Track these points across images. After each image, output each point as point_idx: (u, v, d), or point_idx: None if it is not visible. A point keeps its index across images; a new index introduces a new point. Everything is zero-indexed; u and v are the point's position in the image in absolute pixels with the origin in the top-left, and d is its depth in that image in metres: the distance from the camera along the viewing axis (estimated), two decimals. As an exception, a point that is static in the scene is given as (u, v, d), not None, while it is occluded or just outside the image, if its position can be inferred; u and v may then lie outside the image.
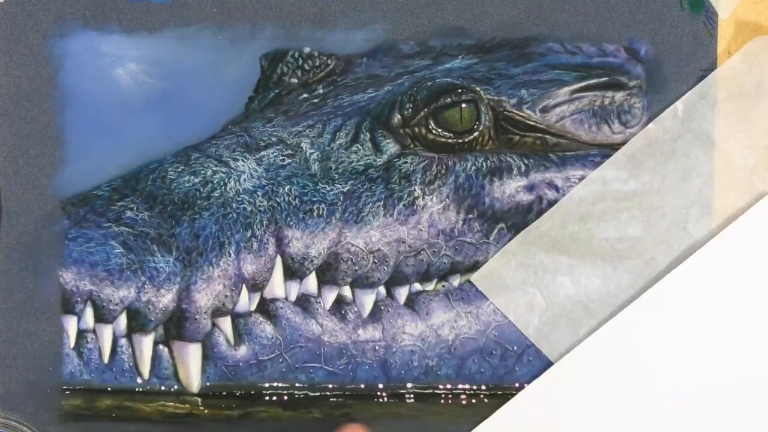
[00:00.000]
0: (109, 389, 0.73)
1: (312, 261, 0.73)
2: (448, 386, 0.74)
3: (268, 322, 0.73)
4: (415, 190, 0.73)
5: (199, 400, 0.73)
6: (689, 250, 0.73)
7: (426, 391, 0.74)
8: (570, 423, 0.73)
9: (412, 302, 0.74)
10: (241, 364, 0.73)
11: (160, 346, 0.73)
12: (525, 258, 0.73)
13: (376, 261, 0.73)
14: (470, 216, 0.74)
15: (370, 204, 0.73)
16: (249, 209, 0.72)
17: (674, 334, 0.73)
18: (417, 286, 0.74)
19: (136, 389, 0.73)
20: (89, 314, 0.72)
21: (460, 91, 0.73)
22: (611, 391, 0.73)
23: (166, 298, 0.72)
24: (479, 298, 0.74)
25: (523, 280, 0.74)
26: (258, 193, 0.73)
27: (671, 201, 0.73)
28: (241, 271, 0.72)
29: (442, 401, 0.74)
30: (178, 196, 0.72)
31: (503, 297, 0.74)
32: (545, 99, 0.74)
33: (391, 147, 0.74)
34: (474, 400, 0.74)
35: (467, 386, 0.74)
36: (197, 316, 0.72)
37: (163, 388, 0.73)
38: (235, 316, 0.73)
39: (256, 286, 0.73)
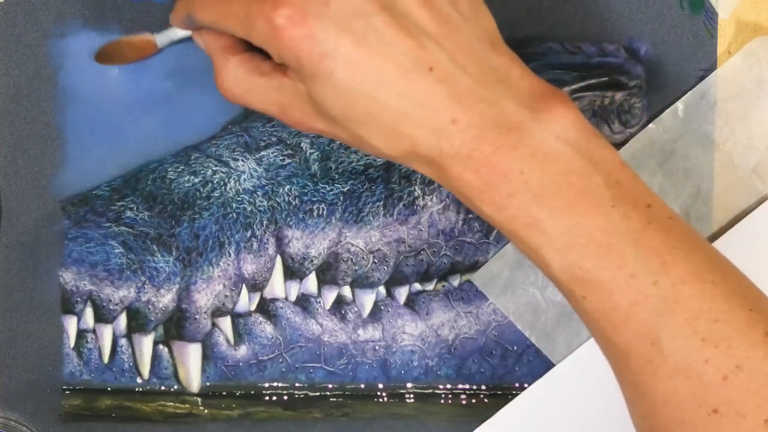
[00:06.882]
0: (109, 389, 0.73)
1: (312, 261, 0.73)
2: (448, 386, 0.74)
3: (268, 322, 0.73)
4: (415, 190, 0.73)
5: (199, 400, 0.73)
6: (689, 250, 0.73)
7: (426, 391, 0.74)
8: (571, 424, 0.73)
9: (412, 302, 0.74)
10: (241, 364, 0.73)
11: (160, 346, 0.73)
12: (525, 258, 0.73)
13: (376, 261, 0.73)
14: (470, 216, 0.74)
15: (370, 204, 0.73)
16: (249, 209, 0.72)
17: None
18: (417, 286, 0.74)
19: (136, 389, 0.73)
20: (89, 314, 0.72)
21: (460, 91, 0.73)
22: (613, 393, 0.73)
23: (166, 298, 0.72)
24: (479, 298, 0.74)
25: (523, 280, 0.74)
26: (258, 193, 0.73)
27: (671, 201, 0.73)
28: (241, 271, 0.72)
29: (442, 401, 0.74)
30: (178, 196, 0.73)
31: (503, 297, 0.74)
32: (545, 99, 0.74)
33: (391, 147, 0.73)
34: (474, 400, 0.74)
35: (467, 386, 0.74)
36: (197, 316, 0.72)
37: (163, 388, 0.73)
38: (235, 316, 0.73)
39: (256, 286, 0.73)
